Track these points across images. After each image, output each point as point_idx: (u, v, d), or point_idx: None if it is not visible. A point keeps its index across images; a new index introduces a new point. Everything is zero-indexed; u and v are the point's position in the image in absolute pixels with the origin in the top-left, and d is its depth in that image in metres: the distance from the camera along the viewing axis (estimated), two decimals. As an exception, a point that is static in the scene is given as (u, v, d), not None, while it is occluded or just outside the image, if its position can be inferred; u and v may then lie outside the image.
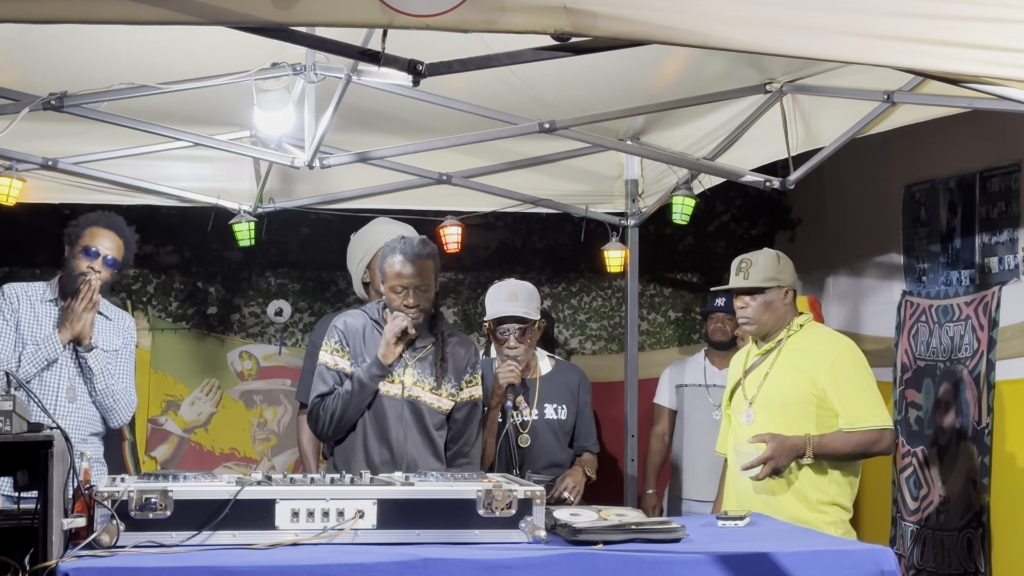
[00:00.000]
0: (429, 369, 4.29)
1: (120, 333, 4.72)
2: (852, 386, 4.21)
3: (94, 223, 4.63)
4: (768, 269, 4.35)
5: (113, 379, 4.59)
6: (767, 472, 4.08)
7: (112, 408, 4.61)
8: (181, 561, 2.95)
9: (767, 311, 4.34)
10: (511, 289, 4.69)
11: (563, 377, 4.82)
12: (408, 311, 4.19)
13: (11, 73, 4.64)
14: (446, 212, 6.25)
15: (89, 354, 4.52)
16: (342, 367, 4.26)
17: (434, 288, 4.26)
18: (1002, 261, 5.64)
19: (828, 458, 4.17)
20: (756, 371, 4.38)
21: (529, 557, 3.09)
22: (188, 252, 7.17)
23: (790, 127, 5.09)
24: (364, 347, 4.28)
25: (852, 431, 4.17)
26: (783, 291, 4.36)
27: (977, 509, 5.55)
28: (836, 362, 4.22)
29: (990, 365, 5.52)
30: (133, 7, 2.48)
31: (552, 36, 2.65)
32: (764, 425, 4.24)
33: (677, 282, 7.73)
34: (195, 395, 7.10)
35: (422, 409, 4.28)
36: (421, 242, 4.29)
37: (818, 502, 4.17)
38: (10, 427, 2.94)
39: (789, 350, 4.33)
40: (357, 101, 4.61)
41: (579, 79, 4.76)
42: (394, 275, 4.20)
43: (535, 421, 4.67)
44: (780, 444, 4.09)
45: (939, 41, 2.73)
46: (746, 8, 2.67)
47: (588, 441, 4.81)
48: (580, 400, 4.79)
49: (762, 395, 4.31)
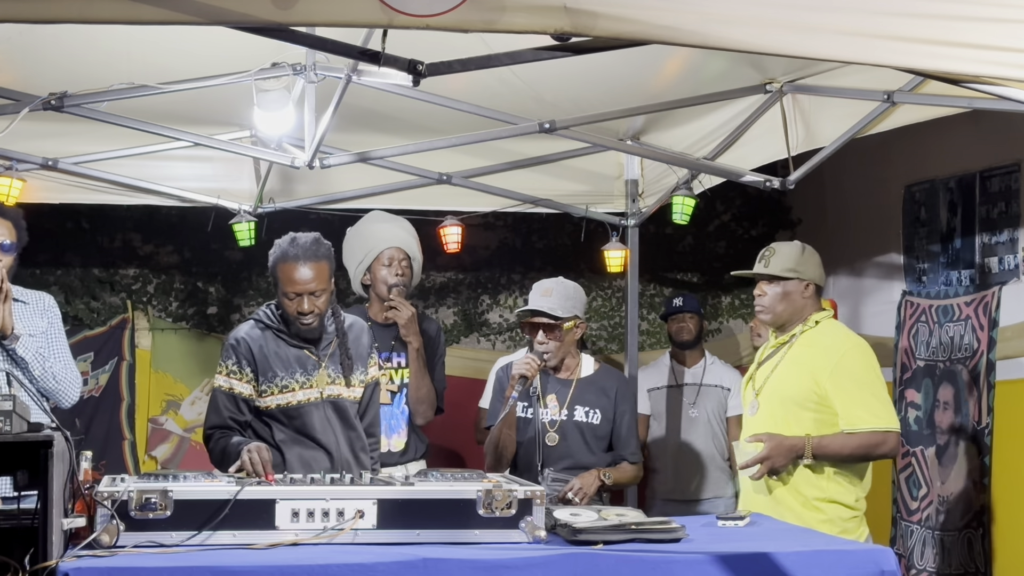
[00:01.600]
0: (337, 365, 4.14)
1: (43, 314, 4.49)
2: (855, 386, 4.13)
3: None
4: (789, 260, 4.29)
5: (49, 362, 4.37)
6: (764, 471, 4.06)
7: (56, 390, 4.39)
8: (181, 561, 2.95)
9: (783, 302, 4.28)
10: (548, 286, 4.59)
11: (602, 382, 4.67)
12: (302, 318, 3.98)
13: (11, 73, 4.64)
14: (446, 212, 6.25)
15: (16, 344, 4.29)
16: (239, 391, 4.04)
17: (329, 289, 4.03)
18: (1002, 261, 5.64)
19: (828, 459, 4.11)
20: (768, 363, 4.33)
21: (529, 557, 3.09)
22: (188, 252, 7.17)
23: (790, 127, 5.09)
24: (268, 361, 4.05)
25: (853, 432, 4.09)
26: (803, 284, 4.27)
27: (977, 509, 5.55)
28: (841, 362, 4.14)
29: (990, 365, 5.52)
30: (133, 7, 2.48)
31: (552, 36, 2.65)
32: (765, 418, 4.21)
33: (677, 282, 7.73)
34: (195, 395, 7.09)
35: (343, 405, 4.13)
36: (314, 241, 4.02)
37: (815, 499, 4.11)
38: (10, 427, 2.94)
39: (800, 345, 4.26)
40: (357, 101, 4.61)
41: (579, 79, 4.76)
42: (287, 280, 3.96)
43: (563, 421, 4.57)
44: (778, 444, 4.06)
45: (939, 41, 2.73)
46: (746, 8, 2.67)
47: (626, 450, 4.63)
48: (618, 408, 4.62)
49: (767, 388, 4.26)
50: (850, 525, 4.14)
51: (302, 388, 4.08)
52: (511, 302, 7.51)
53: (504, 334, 7.51)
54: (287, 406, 4.07)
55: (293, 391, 4.07)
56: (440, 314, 7.42)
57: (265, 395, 4.07)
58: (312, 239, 4.03)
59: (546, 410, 4.58)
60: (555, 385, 4.62)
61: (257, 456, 3.60)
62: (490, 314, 7.51)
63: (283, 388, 4.07)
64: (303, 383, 4.08)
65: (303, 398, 4.08)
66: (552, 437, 4.55)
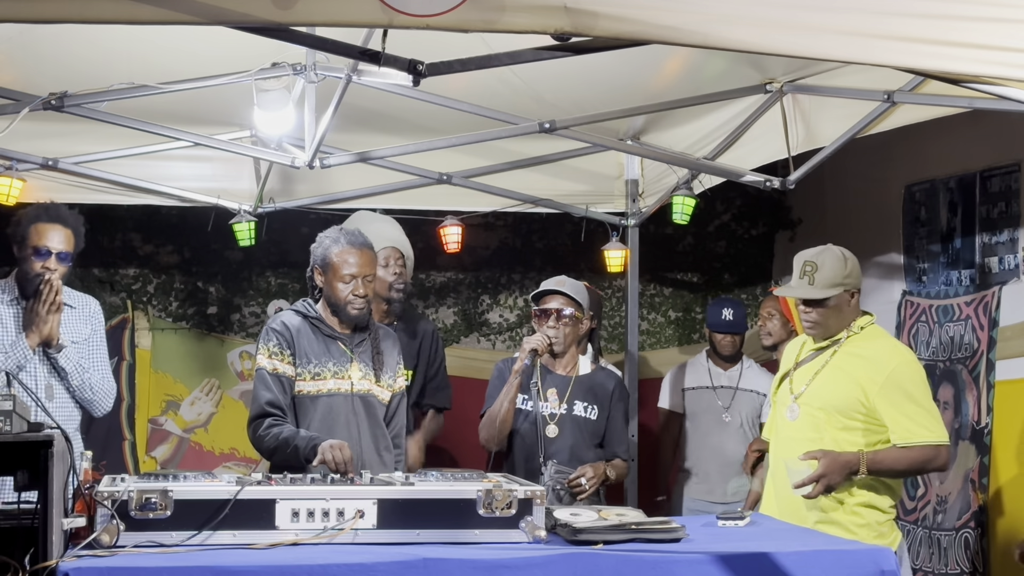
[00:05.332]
0: (368, 362, 4.25)
1: (87, 320, 4.55)
2: (908, 401, 3.99)
3: (36, 219, 4.38)
4: (836, 274, 4.09)
5: (87, 372, 4.45)
6: (820, 490, 3.89)
7: (92, 400, 4.48)
8: (181, 561, 2.95)
9: (833, 316, 4.10)
10: (561, 278, 4.80)
11: (600, 381, 4.85)
12: (356, 301, 4.16)
13: (11, 73, 4.64)
14: (446, 212, 6.26)
15: (59, 354, 4.38)
16: (282, 371, 4.15)
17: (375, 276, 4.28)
18: (1002, 261, 5.64)
19: (882, 475, 3.98)
20: (807, 366, 4.19)
21: (529, 557, 3.09)
22: (188, 252, 7.16)
23: (790, 127, 5.09)
24: (304, 347, 4.18)
25: (908, 446, 3.95)
26: (848, 293, 4.11)
27: (975, 509, 5.55)
28: (892, 376, 3.99)
29: (990, 365, 5.52)
30: (133, 7, 2.48)
31: (552, 36, 2.65)
32: (807, 425, 4.07)
33: (677, 282, 7.73)
34: (195, 395, 7.10)
35: (372, 402, 4.24)
36: (362, 232, 4.28)
37: (854, 504, 4.01)
38: (10, 427, 2.94)
39: (846, 353, 4.11)
40: (357, 101, 4.61)
41: (579, 79, 4.76)
42: (345, 264, 4.15)
43: (563, 415, 4.71)
44: (833, 461, 3.89)
45: (939, 41, 2.73)
46: (746, 8, 2.67)
47: (620, 448, 4.82)
48: (613, 406, 4.80)
49: (809, 393, 4.11)
50: (885, 529, 4.05)
51: (334, 377, 4.18)
52: (511, 302, 7.51)
53: (504, 334, 7.51)
54: (317, 394, 4.16)
55: (325, 379, 4.18)
56: (440, 314, 7.43)
57: (297, 380, 4.17)
58: (359, 230, 4.28)
59: (546, 403, 4.71)
60: (555, 380, 4.76)
61: (341, 454, 3.79)
62: (490, 314, 7.51)
63: (315, 375, 4.18)
64: (335, 372, 4.18)
65: (333, 387, 4.18)
66: (552, 429, 4.67)
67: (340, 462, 3.77)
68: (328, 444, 3.85)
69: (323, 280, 4.22)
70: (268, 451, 4.12)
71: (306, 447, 3.94)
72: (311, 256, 4.28)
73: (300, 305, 4.31)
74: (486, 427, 4.72)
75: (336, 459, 3.78)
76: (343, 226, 4.34)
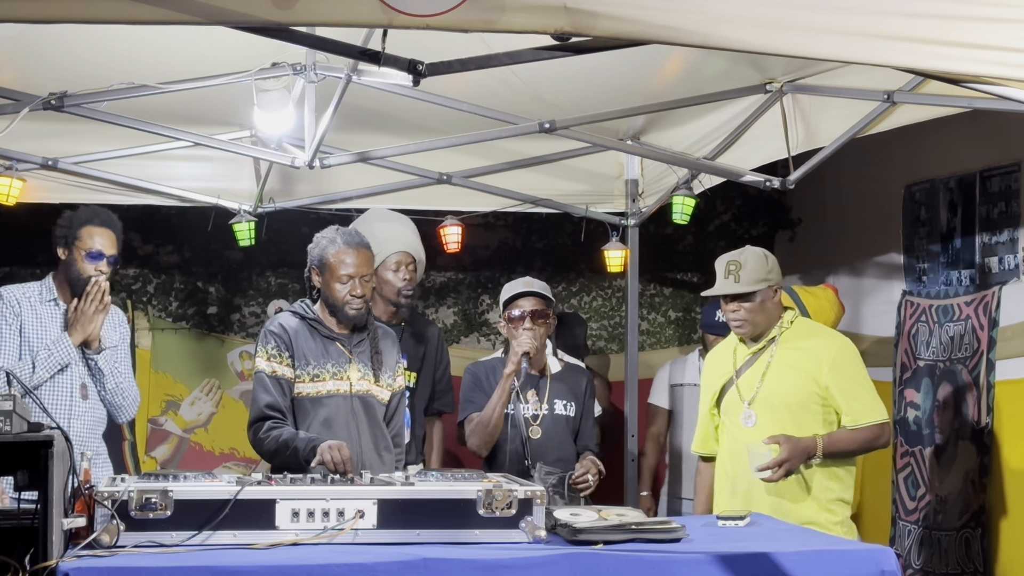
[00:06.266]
0: (367, 363, 4.25)
1: (116, 327, 4.68)
2: (854, 383, 4.24)
3: (87, 222, 4.54)
4: (759, 270, 4.31)
5: (120, 376, 4.57)
6: (782, 474, 4.07)
7: (121, 405, 4.59)
8: (181, 561, 2.95)
9: (760, 312, 4.32)
10: (527, 279, 4.82)
11: (573, 376, 4.91)
12: (354, 301, 4.14)
13: (11, 73, 4.64)
14: (446, 212, 6.25)
15: (99, 355, 4.48)
16: (281, 374, 4.14)
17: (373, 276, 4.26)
18: (1002, 261, 5.64)
19: (836, 456, 4.19)
20: (750, 371, 4.35)
21: (529, 557, 3.09)
22: (188, 252, 7.17)
23: (790, 127, 5.09)
24: (302, 349, 4.16)
25: (857, 428, 4.20)
26: (772, 289, 4.33)
27: (976, 509, 5.55)
28: (836, 360, 4.24)
29: (990, 365, 5.52)
30: (133, 7, 2.48)
31: (552, 36, 2.65)
32: (769, 427, 4.22)
33: (677, 282, 7.73)
34: (195, 395, 7.10)
35: (372, 403, 4.23)
36: (359, 232, 4.27)
37: (827, 500, 4.20)
38: (10, 427, 2.94)
39: (785, 348, 4.31)
40: (357, 101, 4.61)
41: (579, 79, 4.76)
42: (342, 264, 4.13)
43: (544, 415, 4.72)
44: (794, 446, 4.09)
45: (939, 41, 2.73)
46: (746, 8, 2.67)
47: (592, 441, 4.87)
48: (586, 401, 4.86)
49: (762, 396, 4.28)
50: (850, 523, 4.27)
51: (332, 379, 4.17)
52: (511, 302, 7.50)
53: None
54: (316, 395, 4.16)
55: (324, 380, 4.17)
56: (440, 314, 7.43)
57: (296, 382, 4.16)
58: (356, 230, 4.28)
59: (526, 405, 4.72)
60: (532, 381, 4.76)
61: (339, 455, 3.78)
62: (490, 314, 7.51)
63: (314, 377, 4.17)
64: (334, 374, 4.17)
65: (332, 388, 4.17)
66: (535, 431, 4.67)
67: (339, 462, 3.77)
68: (327, 445, 3.85)
69: (320, 281, 4.21)
70: (268, 454, 4.12)
71: (305, 448, 3.94)
72: (308, 257, 4.28)
73: (298, 306, 4.30)
74: (476, 433, 4.71)
75: (335, 459, 3.78)
76: (338, 227, 4.31)
